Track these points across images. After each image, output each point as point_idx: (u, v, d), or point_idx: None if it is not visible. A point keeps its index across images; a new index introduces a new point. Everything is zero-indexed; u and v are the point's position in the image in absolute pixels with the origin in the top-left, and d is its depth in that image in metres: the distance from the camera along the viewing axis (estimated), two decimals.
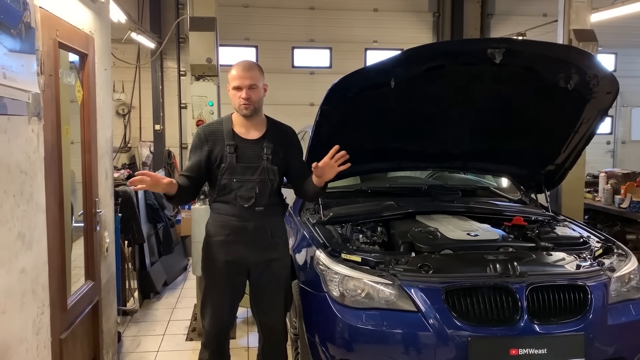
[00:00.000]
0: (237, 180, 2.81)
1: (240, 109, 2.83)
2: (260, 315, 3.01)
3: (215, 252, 2.88)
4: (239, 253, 2.85)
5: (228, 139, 2.85)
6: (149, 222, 5.48)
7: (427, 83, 3.18)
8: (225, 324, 2.98)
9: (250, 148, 2.87)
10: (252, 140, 2.89)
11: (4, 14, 2.05)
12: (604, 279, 2.87)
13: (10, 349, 2.15)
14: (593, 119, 3.44)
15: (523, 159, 3.89)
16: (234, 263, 2.86)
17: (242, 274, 2.90)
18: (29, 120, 2.32)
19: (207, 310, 2.92)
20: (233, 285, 2.91)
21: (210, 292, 2.91)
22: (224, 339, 3.03)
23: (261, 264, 2.88)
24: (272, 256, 2.90)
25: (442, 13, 10.25)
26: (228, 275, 2.87)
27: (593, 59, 3.05)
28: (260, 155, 2.86)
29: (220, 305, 2.91)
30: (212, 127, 2.94)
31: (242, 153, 2.85)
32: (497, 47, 2.85)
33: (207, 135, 2.89)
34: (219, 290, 2.90)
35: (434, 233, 3.21)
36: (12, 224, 2.16)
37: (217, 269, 2.88)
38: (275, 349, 3.07)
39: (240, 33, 9.67)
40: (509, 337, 2.63)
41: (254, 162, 2.85)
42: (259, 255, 2.87)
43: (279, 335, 3.05)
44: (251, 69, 2.82)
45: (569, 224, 3.70)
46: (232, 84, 2.82)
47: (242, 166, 2.83)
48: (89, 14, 3.21)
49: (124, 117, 9.82)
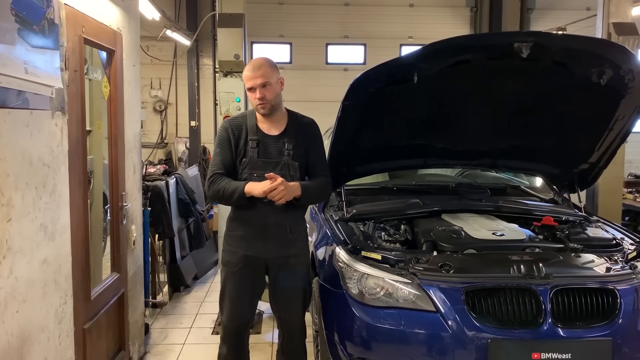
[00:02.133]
0: (257, 175, 2.80)
1: (258, 110, 2.83)
2: (279, 312, 3.00)
3: (235, 247, 2.89)
4: (258, 248, 2.85)
5: (251, 134, 2.86)
6: (180, 217, 5.56)
7: (453, 78, 3.09)
8: (243, 319, 2.98)
9: (272, 144, 2.87)
10: (274, 136, 2.88)
11: (27, 11, 2.11)
12: (636, 282, 2.74)
13: (32, 336, 2.21)
14: (629, 116, 3.28)
15: (555, 157, 3.76)
16: (253, 258, 2.86)
17: (261, 270, 2.90)
18: (52, 114, 2.38)
19: (225, 304, 2.94)
20: (251, 281, 2.91)
21: (228, 287, 2.92)
22: (243, 334, 3.03)
23: (279, 260, 2.87)
24: (291, 252, 2.89)
25: (480, 8, 10.04)
26: (247, 270, 2.88)
27: (627, 53, 2.90)
28: (281, 150, 2.85)
29: (237, 300, 2.92)
30: (237, 120, 2.94)
31: (264, 148, 2.85)
32: (524, 40, 2.75)
33: (232, 129, 2.88)
34: (236, 284, 2.90)
35: (458, 232, 3.13)
36: (34, 216, 2.22)
37: (235, 263, 2.89)
38: (294, 345, 3.06)
39: (274, 30, 9.72)
40: (531, 340, 2.54)
41: (275, 157, 2.85)
42: (277, 251, 2.86)
43: (298, 332, 3.03)
44: (261, 66, 2.78)
45: (602, 225, 3.56)
46: (247, 86, 2.82)
47: (263, 161, 2.83)
48: (117, 10, 3.27)
49: (160, 114, 10.02)
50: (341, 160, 3.45)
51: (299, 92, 9.56)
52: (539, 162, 3.86)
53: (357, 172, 3.72)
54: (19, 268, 2.10)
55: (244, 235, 2.87)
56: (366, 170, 3.79)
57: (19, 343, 2.11)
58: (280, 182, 2.68)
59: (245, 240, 2.87)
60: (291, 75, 9.76)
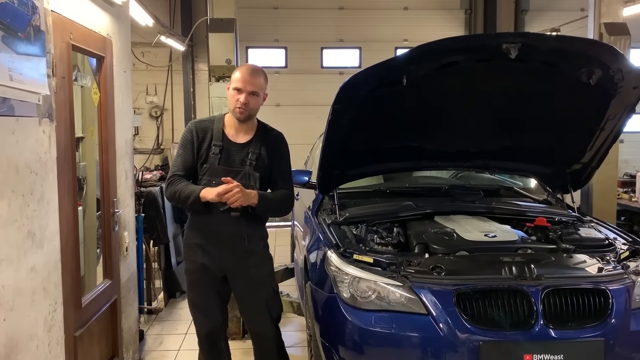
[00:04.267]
0: (216, 183, 2.73)
1: (234, 112, 2.80)
2: (247, 323, 3.01)
3: (192, 255, 2.87)
4: (214, 257, 2.83)
5: (216, 139, 2.83)
6: (175, 222, 5.55)
7: (442, 80, 3.09)
8: (213, 324, 2.94)
9: (236, 151, 2.84)
10: (240, 143, 2.85)
11: (11, 18, 2.11)
12: (628, 282, 2.73)
13: (20, 345, 2.20)
14: (620, 116, 3.28)
15: (547, 158, 3.75)
16: (210, 267, 2.84)
17: (217, 276, 2.87)
18: (39, 121, 2.37)
19: (192, 311, 2.94)
20: (213, 287, 2.88)
21: (191, 295, 2.92)
22: (216, 339, 2.99)
23: (237, 271, 2.85)
24: (249, 262, 2.85)
25: (474, 10, 10.06)
26: (207, 277, 2.86)
27: (616, 53, 2.91)
28: (244, 160, 2.82)
29: (203, 306, 2.90)
30: (204, 124, 2.90)
31: (227, 156, 2.81)
32: (512, 41, 2.74)
33: (197, 131, 2.85)
34: (199, 292, 2.89)
35: (450, 234, 3.13)
36: (21, 223, 2.21)
37: (194, 271, 2.87)
38: (266, 353, 3.03)
39: (269, 34, 9.73)
40: (523, 342, 2.53)
41: (237, 166, 2.81)
42: (234, 261, 2.83)
43: (268, 341, 2.98)
44: (258, 76, 2.78)
45: (595, 225, 3.55)
46: (234, 85, 2.78)
47: (223, 169, 2.78)
48: (106, 17, 3.27)
49: (156, 120, 10.01)
50: (333, 163, 3.45)
51: (294, 96, 9.57)
52: (531, 162, 3.86)
53: (349, 176, 3.72)
54: (6, 276, 2.09)
55: (200, 244, 2.84)
56: (358, 173, 3.79)
57: (6, 352, 2.09)
58: (236, 185, 2.64)
59: (201, 248, 2.84)
60: (286, 80, 9.80)
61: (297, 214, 4.57)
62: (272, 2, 9.73)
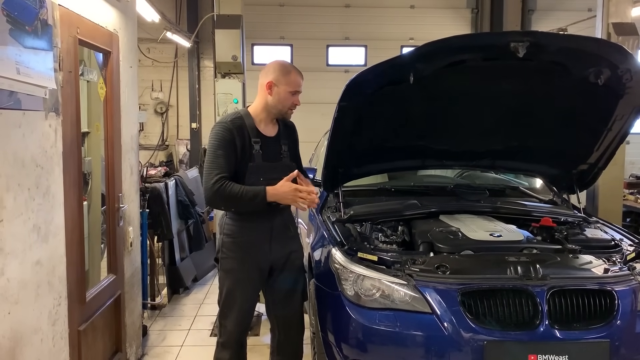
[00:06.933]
0: (263, 179, 2.75)
1: (287, 113, 2.88)
2: (277, 309, 2.98)
3: (242, 253, 2.83)
4: (265, 251, 2.84)
5: (254, 136, 2.80)
6: (179, 218, 5.56)
7: (449, 79, 3.07)
8: (249, 323, 3.01)
9: (272, 145, 2.86)
10: (272, 137, 2.88)
11: (19, 11, 2.11)
12: (634, 284, 2.72)
13: (24, 338, 2.20)
14: (627, 116, 3.26)
15: (554, 158, 3.74)
16: (261, 262, 2.85)
17: (266, 272, 2.89)
18: (45, 115, 2.37)
19: (231, 311, 2.87)
20: (256, 285, 2.92)
21: (235, 295, 2.86)
22: (245, 339, 3.02)
23: (282, 259, 2.91)
24: (292, 248, 2.96)
25: (481, 9, 10.04)
26: (254, 275, 2.86)
27: (625, 53, 2.88)
28: (279, 152, 2.87)
29: (244, 306, 2.89)
30: (236, 122, 2.82)
31: (266, 151, 2.82)
32: (520, 40, 2.73)
33: (236, 130, 2.78)
34: (244, 291, 2.86)
35: (455, 233, 3.12)
36: (26, 217, 2.21)
37: (243, 270, 2.83)
38: (292, 342, 3.02)
39: (275, 32, 9.73)
40: (528, 342, 2.52)
41: (276, 159, 2.86)
42: (281, 251, 2.89)
43: (295, 327, 3.01)
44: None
45: (601, 226, 3.53)
46: (292, 88, 2.82)
47: (267, 165, 2.80)
48: (113, 11, 3.27)
49: (161, 116, 10.03)
50: (338, 161, 3.44)
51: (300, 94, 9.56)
52: (537, 163, 3.84)
53: (354, 174, 3.71)
54: (11, 269, 2.09)
55: (252, 241, 2.82)
56: (363, 171, 3.78)
57: (11, 345, 2.10)
58: (313, 189, 2.80)
59: (253, 245, 2.83)
60: None
61: (301, 212, 4.56)
62: None
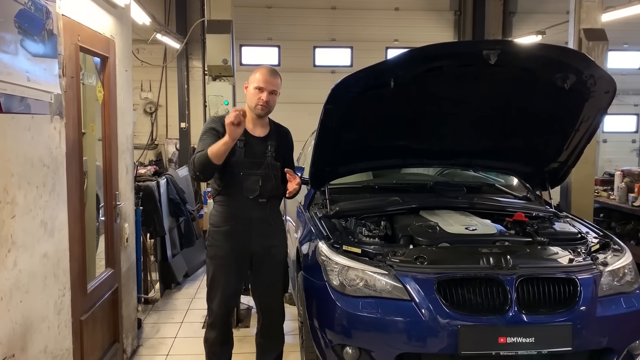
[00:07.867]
0: (243, 174, 3.04)
1: (256, 109, 3.08)
2: (261, 297, 3.26)
3: (222, 241, 3.11)
4: (244, 241, 3.09)
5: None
6: (171, 216, 5.72)
7: (428, 83, 3.30)
8: (232, 305, 3.32)
9: (258, 144, 3.11)
10: (259, 137, 3.13)
11: (28, 23, 2.28)
12: (595, 272, 2.96)
13: (33, 325, 2.38)
14: (593, 118, 3.50)
15: (527, 157, 3.97)
16: (239, 250, 3.10)
17: (246, 260, 3.14)
18: (51, 118, 2.55)
19: (215, 294, 3.16)
20: (237, 270, 3.16)
21: (218, 278, 3.15)
22: (230, 319, 3.33)
23: (263, 251, 3.13)
24: (273, 243, 3.16)
25: (464, 12, 10.27)
26: (234, 262, 3.12)
27: (588, 60, 3.12)
28: (265, 151, 3.11)
29: (227, 289, 3.16)
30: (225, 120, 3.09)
31: (250, 149, 3.08)
32: (492, 48, 2.95)
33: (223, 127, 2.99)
34: (225, 275, 3.14)
35: (433, 227, 3.33)
36: (35, 213, 2.39)
37: (224, 256, 3.11)
38: (273, 326, 3.30)
39: (263, 33, 9.88)
40: (498, 326, 2.75)
41: (260, 157, 3.09)
42: (261, 243, 3.11)
43: (277, 314, 3.29)
44: (276, 77, 3.10)
45: (570, 220, 3.77)
46: (256, 84, 3.05)
47: (248, 161, 3.06)
48: (110, 19, 3.44)
49: (151, 115, 10.15)
50: (324, 160, 3.64)
51: (286, 94, 9.56)
52: (511, 161, 4.08)
53: (340, 172, 3.92)
54: (22, 261, 2.27)
55: (231, 231, 3.09)
56: (349, 169, 3.98)
57: (22, 331, 2.27)
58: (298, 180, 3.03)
59: (232, 235, 3.09)
60: None
61: (289, 209, 4.76)
62: (265, 1, 9.90)
